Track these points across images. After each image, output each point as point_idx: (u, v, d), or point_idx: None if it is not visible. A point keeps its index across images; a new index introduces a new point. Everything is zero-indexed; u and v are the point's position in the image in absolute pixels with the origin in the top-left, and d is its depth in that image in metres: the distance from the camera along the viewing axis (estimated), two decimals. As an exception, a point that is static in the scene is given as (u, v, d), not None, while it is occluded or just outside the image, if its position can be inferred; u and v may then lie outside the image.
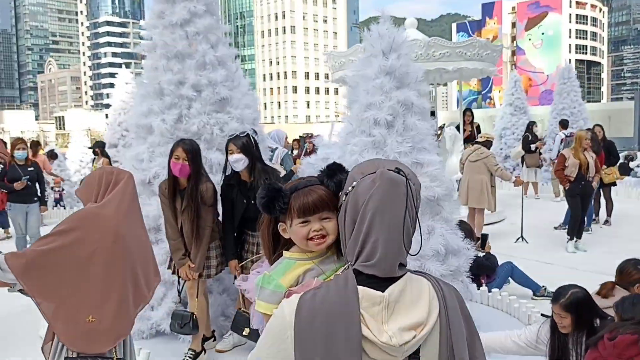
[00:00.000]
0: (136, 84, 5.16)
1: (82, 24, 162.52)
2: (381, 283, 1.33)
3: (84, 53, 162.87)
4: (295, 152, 14.25)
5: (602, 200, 10.09)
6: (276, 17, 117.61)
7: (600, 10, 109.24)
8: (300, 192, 1.55)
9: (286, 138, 7.57)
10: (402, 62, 3.62)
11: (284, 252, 1.63)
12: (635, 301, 3.07)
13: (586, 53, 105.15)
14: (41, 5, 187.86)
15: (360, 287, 1.32)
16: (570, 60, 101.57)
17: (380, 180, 1.34)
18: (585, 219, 9.39)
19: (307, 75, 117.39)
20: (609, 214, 9.84)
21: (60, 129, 79.56)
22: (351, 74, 10.66)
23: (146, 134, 4.83)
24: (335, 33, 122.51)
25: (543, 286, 6.00)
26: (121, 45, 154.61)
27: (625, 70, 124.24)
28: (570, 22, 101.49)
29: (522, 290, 5.96)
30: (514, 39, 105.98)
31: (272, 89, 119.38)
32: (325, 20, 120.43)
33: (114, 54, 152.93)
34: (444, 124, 12.23)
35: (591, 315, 3.31)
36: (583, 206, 8.06)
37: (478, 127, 11.58)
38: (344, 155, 3.70)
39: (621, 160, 16.45)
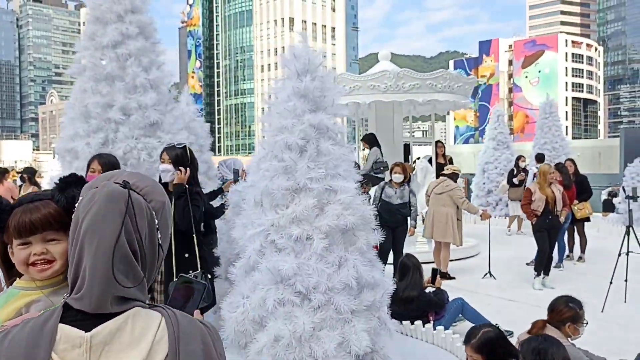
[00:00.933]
0: (65, 108, 4.99)
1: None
2: (91, 320, 1.08)
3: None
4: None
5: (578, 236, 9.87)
6: (275, 52, 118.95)
7: (596, 49, 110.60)
8: (20, 209, 1.33)
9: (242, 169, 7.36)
10: (317, 84, 3.45)
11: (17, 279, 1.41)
12: (540, 347, 2.83)
13: (582, 91, 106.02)
14: (45, 37, 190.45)
15: (61, 326, 1.07)
16: (567, 98, 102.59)
17: (98, 195, 1.12)
18: (557, 254, 9.19)
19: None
20: (582, 250, 9.59)
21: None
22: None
23: (72, 159, 4.65)
24: (334, 69, 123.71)
25: (496, 324, 5.71)
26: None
27: (621, 109, 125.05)
28: (566, 60, 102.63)
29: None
30: (510, 76, 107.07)
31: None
32: (325, 56, 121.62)
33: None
34: (419, 157, 12.08)
35: (504, 356, 3.07)
36: (550, 241, 7.83)
37: (450, 159, 11.40)
38: (258, 181, 3.51)
39: (605, 197, 16.32)
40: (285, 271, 3.25)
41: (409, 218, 7.99)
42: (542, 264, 7.84)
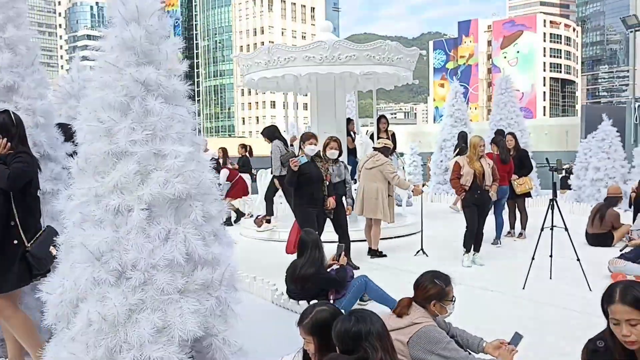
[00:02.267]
0: None
1: (60, 37, 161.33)
2: None
3: (62, 66, 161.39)
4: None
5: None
6: (255, 33, 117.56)
7: (574, 30, 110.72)
8: None
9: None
10: (145, 34, 3.03)
11: None
12: (352, 330, 2.48)
13: (560, 71, 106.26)
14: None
15: None
16: (545, 78, 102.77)
17: None
18: (495, 231, 8.92)
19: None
20: (523, 226, 9.32)
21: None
22: (256, 77, 10.14)
23: None
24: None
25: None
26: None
27: (600, 90, 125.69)
28: (544, 40, 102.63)
29: (381, 307, 5.36)
30: (489, 57, 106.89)
31: (249, 103, 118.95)
32: (304, 37, 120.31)
33: (92, 68, 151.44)
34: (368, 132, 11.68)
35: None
36: (480, 217, 7.52)
37: (393, 135, 11.04)
38: (79, 146, 3.10)
39: (563, 174, 16.12)
40: (99, 247, 2.87)
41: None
42: (471, 241, 7.54)
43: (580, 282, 6.31)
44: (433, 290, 3.32)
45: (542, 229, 6.86)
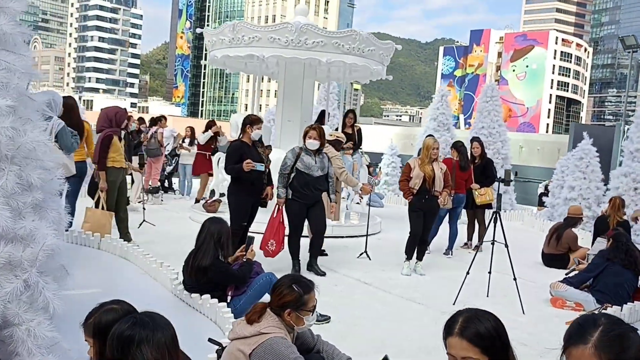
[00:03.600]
0: None
1: (72, 4, 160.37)
2: None
3: (70, 34, 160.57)
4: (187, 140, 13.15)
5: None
6: (266, 20, 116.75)
7: (586, 50, 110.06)
8: None
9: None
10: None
11: None
12: (125, 334, 2.03)
13: (568, 90, 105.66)
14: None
15: None
16: (551, 95, 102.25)
17: None
18: (448, 241, 8.48)
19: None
20: (479, 238, 8.85)
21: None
22: (219, 55, 9.67)
23: None
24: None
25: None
26: (109, 30, 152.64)
27: (606, 113, 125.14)
28: (555, 58, 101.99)
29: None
30: (498, 68, 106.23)
31: (254, 90, 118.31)
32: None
33: (101, 39, 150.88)
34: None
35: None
36: (425, 224, 7.06)
37: (359, 131, 10.58)
38: None
39: (541, 190, 15.68)
40: None
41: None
42: (412, 247, 7.09)
43: (517, 303, 5.85)
44: (289, 297, 2.87)
45: (480, 244, 6.41)
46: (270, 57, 8.97)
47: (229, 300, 4.71)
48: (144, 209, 8.82)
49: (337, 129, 10.44)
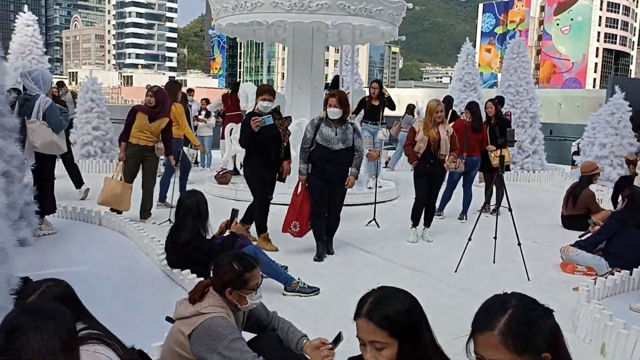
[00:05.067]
0: None
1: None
2: None
3: (109, 11, 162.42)
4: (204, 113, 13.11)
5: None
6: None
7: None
8: None
9: (52, 84, 6.33)
10: None
11: None
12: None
13: (615, 42, 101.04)
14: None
15: None
16: (597, 49, 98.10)
17: None
18: (463, 205, 8.20)
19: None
20: (497, 202, 8.49)
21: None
22: (224, 23, 9.48)
23: None
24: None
25: (297, 278, 4.84)
26: (146, 5, 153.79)
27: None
28: (601, 9, 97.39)
29: (274, 283, 4.79)
30: (541, 23, 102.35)
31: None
32: None
33: (138, 14, 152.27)
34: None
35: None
36: (431, 189, 6.80)
37: (389, 98, 10.26)
38: None
39: (574, 149, 15.06)
40: None
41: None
42: (418, 214, 6.86)
43: (524, 269, 5.58)
44: (229, 275, 2.72)
45: (481, 210, 6.15)
46: (274, 22, 8.72)
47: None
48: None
49: (362, 101, 10.19)
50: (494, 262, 5.97)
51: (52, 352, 1.86)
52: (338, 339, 2.85)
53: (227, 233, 4.90)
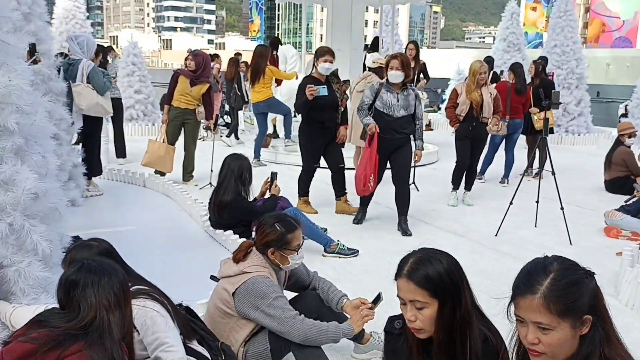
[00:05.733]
0: None
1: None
2: None
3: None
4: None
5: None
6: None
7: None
8: None
9: (97, 51, 6.41)
10: None
11: None
12: (70, 278, 2.01)
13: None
14: None
15: None
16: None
17: None
18: (505, 169, 8.09)
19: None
20: (541, 165, 8.31)
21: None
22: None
23: None
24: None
25: (337, 240, 4.90)
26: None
27: None
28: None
29: (314, 245, 4.86)
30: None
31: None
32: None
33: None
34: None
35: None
36: (473, 152, 6.72)
37: (424, 65, 10.06)
38: None
39: (622, 111, 14.62)
40: None
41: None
42: (459, 177, 6.80)
43: (566, 234, 5.51)
44: (272, 235, 2.78)
45: (524, 173, 6.06)
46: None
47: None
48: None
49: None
50: (535, 226, 5.91)
51: (107, 306, 1.97)
52: (378, 299, 2.91)
53: (267, 195, 4.98)
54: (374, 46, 10.70)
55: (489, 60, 11.38)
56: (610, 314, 1.60)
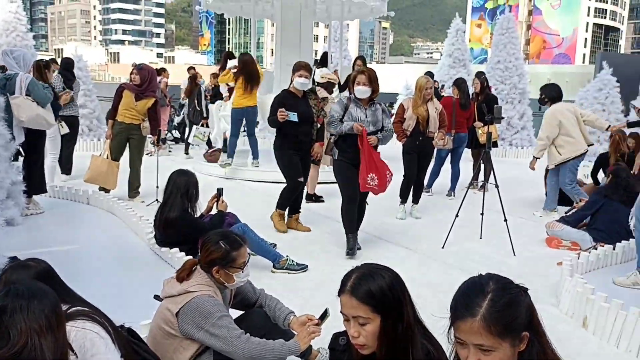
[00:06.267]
0: None
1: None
2: None
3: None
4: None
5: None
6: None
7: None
8: None
9: (32, 64, 6.24)
10: None
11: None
12: None
13: (605, 17, 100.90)
14: None
15: None
16: (588, 24, 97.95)
17: None
18: (451, 182, 8.25)
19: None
20: (485, 178, 8.54)
21: (57, 61, 79.01)
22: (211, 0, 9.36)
23: None
24: None
25: (286, 256, 4.88)
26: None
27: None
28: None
29: (263, 260, 4.82)
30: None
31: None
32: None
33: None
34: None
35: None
36: (419, 166, 6.84)
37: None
38: None
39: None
40: None
41: None
42: (407, 191, 6.91)
43: (510, 245, 5.65)
44: (216, 253, 2.74)
45: (469, 186, 6.21)
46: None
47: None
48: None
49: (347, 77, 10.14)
50: (480, 238, 6.04)
51: (38, 331, 1.89)
52: (325, 315, 2.90)
53: (214, 211, 4.92)
54: (323, 61, 10.78)
55: (430, 75, 11.60)
56: (543, 326, 1.64)
